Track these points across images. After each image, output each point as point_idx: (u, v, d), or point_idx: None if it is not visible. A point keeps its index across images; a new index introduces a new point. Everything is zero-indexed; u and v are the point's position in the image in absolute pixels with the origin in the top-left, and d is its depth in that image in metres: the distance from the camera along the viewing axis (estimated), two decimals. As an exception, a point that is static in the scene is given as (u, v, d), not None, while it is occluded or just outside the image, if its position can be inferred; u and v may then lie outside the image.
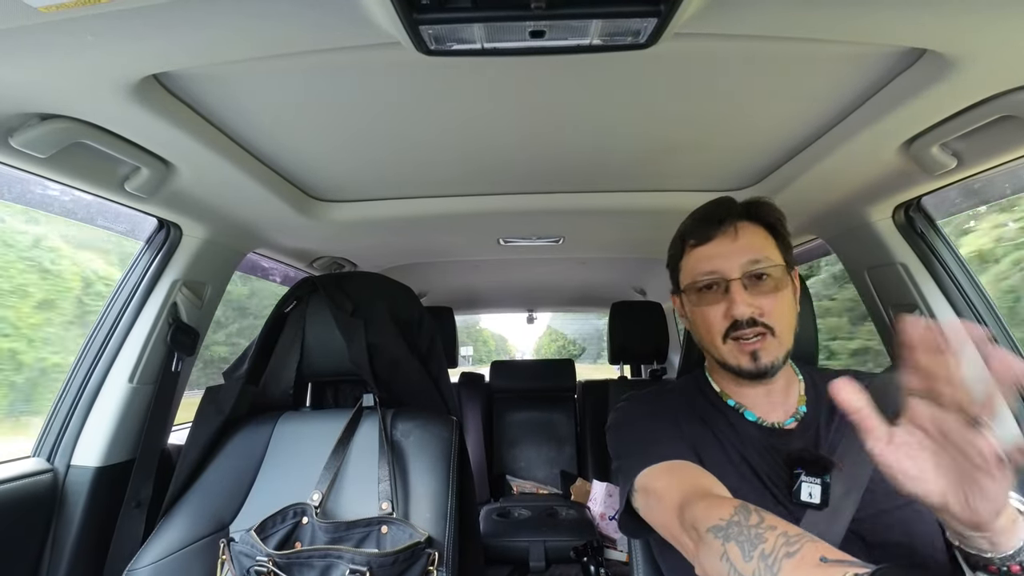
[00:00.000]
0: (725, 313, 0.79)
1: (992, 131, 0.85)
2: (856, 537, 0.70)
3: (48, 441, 1.19)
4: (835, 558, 0.47)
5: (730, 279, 0.79)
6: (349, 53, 0.70)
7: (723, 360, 0.81)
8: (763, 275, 0.79)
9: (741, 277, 0.78)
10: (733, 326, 0.78)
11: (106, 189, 1.01)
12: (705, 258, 0.82)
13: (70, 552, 1.12)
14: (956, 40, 0.65)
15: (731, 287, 0.78)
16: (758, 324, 0.77)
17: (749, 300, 0.77)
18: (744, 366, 0.79)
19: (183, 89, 0.80)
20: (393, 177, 1.23)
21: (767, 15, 0.61)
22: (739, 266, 0.79)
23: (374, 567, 0.92)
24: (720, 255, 0.81)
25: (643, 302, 2.43)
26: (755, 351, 0.77)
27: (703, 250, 0.83)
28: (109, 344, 1.24)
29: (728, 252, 0.80)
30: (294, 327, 1.28)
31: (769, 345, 0.78)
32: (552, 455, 2.80)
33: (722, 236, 0.82)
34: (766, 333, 0.77)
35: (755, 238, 0.82)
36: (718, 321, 0.80)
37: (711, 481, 0.70)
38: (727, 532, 0.55)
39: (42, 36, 0.61)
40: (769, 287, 0.79)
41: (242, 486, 1.12)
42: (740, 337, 0.78)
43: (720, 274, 0.80)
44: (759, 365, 0.78)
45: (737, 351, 0.79)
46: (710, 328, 0.81)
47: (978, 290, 1.18)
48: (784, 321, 0.79)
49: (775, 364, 0.78)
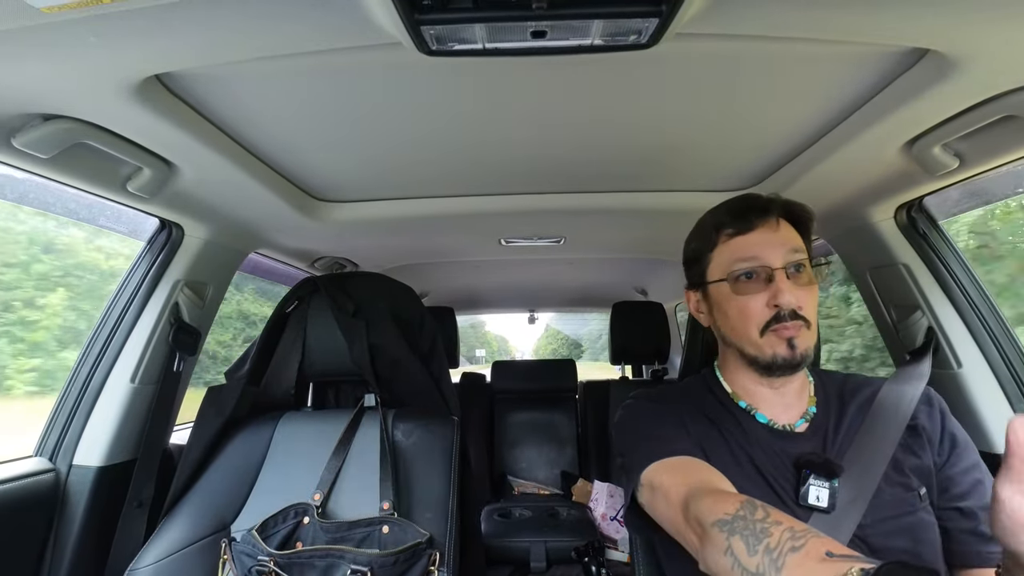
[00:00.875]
0: (768, 303, 0.77)
1: (994, 131, 0.85)
2: (860, 543, 0.70)
3: (50, 441, 1.19)
4: (841, 553, 0.46)
5: (775, 268, 0.77)
6: (351, 54, 0.70)
7: (757, 352, 0.79)
8: (802, 267, 0.79)
9: (785, 267, 0.77)
10: (776, 318, 0.76)
11: (108, 189, 1.01)
12: (748, 246, 0.80)
13: (72, 552, 1.12)
14: (958, 40, 0.65)
15: (776, 276, 0.77)
16: (799, 317, 0.76)
17: (793, 290, 0.76)
18: (780, 354, 0.76)
19: (185, 89, 0.80)
20: (394, 177, 1.23)
21: (769, 15, 0.61)
22: (783, 255, 0.78)
23: (375, 567, 0.92)
24: (764, 244, 0.79)
25: (644, 302, 2.43)
26: (792, 338, 0.76)
27: (745, 239, 0.81)
28: (111, 344, 1.24)
29: (772, 242, 0.79)
30: (296, 327, 1.28)
31: (804, 334, 0.77)
32: (553, 455, 2.80)
33: (765, 226, 0.80)
34: (802, 326, 0.77)
35: (793, 233, 0.81)
36: (759, 311, 0.78)
37: (717, 477, 0.69)
38: (732, 526, 0.55)
39: (44, 37, 0.61)
40: (806, 280, 0.79)
41: (243, 486, 1.13)
42: (779, 329, 0.76)
43: (764, 263, 0.78)
44: (796, 353, 0.76)
45: (776, 340, 0.77)
46: (749, 319, 0.79)
47: (980, 291, 1.17)
48: (814, 316, 0.79)
49: (807, 355, 0.77)
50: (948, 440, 0.78)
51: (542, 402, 2.92)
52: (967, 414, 1.13)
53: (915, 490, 0.74)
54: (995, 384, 1.13)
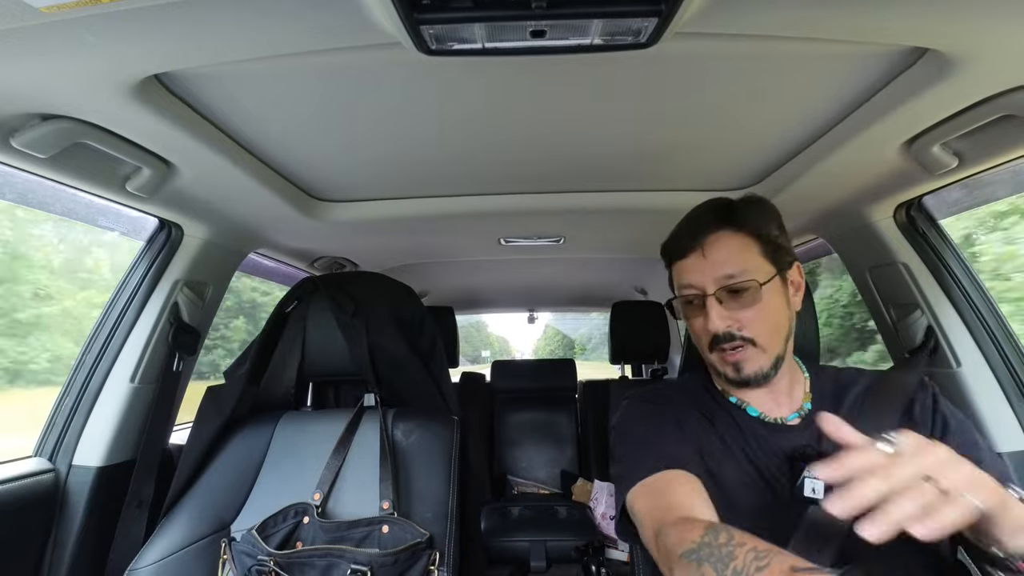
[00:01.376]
0: (703, 327, 0.81)
1: (993, 130, 0.85)
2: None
3: (50, 441, 1.19)
4: (805, 567, 0.49)
5: (706, 295, 0.80)
6: (350, 53, 0.70)
7: (712, 367, 0.85)
8: (739, 289, 0.79)
9: (715, 292, 0.79)
10: (714, 339, 0.80)
11: (107, 189, 1.01)
12: (684, 272, 0.84)
13: (71, 552, 1.12)
14: (958, 39, 0.65)
15: (707, 302, 0.80)
16: (736, 338, 0.78)
17: (725, 314, 0.78)
18: (729, 375, 0.81)
19: (184, 89, 0.80)
20: (394, 177, 1.23)
21: (768, 14, 0.61)
22: (713, 281, 0.79)
23: (375, 567, 0.92)
24: (695, 270, 0.82)
25: (644, 302, 2.43)
26: (737, 362, 0.79)
27: (680, 265, 0.85)
28: (110, 344, 1.24)
29: (700, 268, 0.81)
30: (295, 327, 1.28)
31: (751, 356, 0.79)
32: (553, 455, 2.79)
33: (693, 253, 0.83)
34: (744, 346, 0.78)
35: (729, 250, 0.81)
36: (703, 332, 0.82)
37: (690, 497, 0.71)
38: (699, 555, 0.57)
39: (43, 36, 0.61)
40: (747, 300, 0.79)
41: (243, 486, 1.13)
42: (722, 349, 0.80)
43: (697, 289, 0.81)
44: (742, 376, 0.79)
45: (721, 361, 0.81)
46: (698, 338, 0.84)
47: (980, 289, 1.18)
48: (766, 330, 0.79)
49: (759, 373, 0.79)
50: (940, 422, 0.79)
51: (542, 402, 2.92)
52: (966, 413, 1.12)
53: None
54: (994, 383, 1.13)
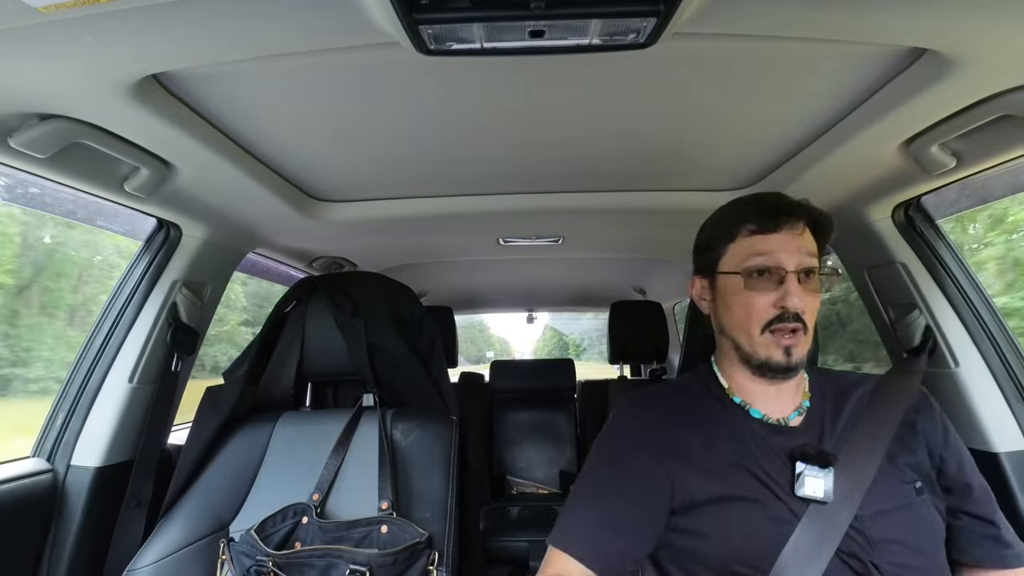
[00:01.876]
0: (775, 302, 0.79)
1: (991, 131, 0.85)
2: (859, 534, 0.71)
3: (48, 441, 1.19)
4: None
5: (788, 271, 0.79)
6: (349, 53, 0.70)
7: (752, 351, 0.81)
8: (812, 273, 0.81)
9: (797, 271, 0.79)
10: (779, 318, 0.78)
11: (105, 189, 1.01)
12: (768, 246, 0.81)
13: (70, 552, 1.12)
14: (956, 40, 0.65)
15: (787, 279, 0.79)
16: (800, 320, 0.78)
17: (800, 294, 0.78)
18: (775, 359, 0.79)
19: (182, 89, 0.80)
20: (393, 177, 1.23)
21: (767, 15, 0.61)
22: (798, 260, 0.80)
23: (374, 567, 0.92)
24: (784, 246, 0.81)
25: (643, 302, 2.43)
26: (790, 347, 0.78)
27: (767, 238, 0.82)
28: (109, 344, 1.24)
29: (792, 245, 0.80)
30: (294, 327, 1.28)
31: (801, 342, 0.79)
32: (552, 455, 2.79)
33: (790, 229, 0.82)
34: (801, 329, 0.78)
35: (811, 240, 0.83)
36: (763, 309, 0.79)
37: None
38: None
39: (41, 36, 0.61)
40: (813, 287, 0.81)
41: (242, 486, 1.12)
42: (780, 330, 0.79)
43: (779, 264, 0.80)
44: (791, 361, 0.78)
45: (772, 344, 0.79)
46: (752, 315, 0.80)
47: (977, 289, 1.18)
48: (813, 324, 0.81)
49: (801, 362, 0.79)
50: (954, 445, 0.80)
51: (541, 401, 2.91)
52: (964, 413, 1.13)
53: (910, 483, 0.75)
54: (992, 383, 1.13)
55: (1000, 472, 1.07)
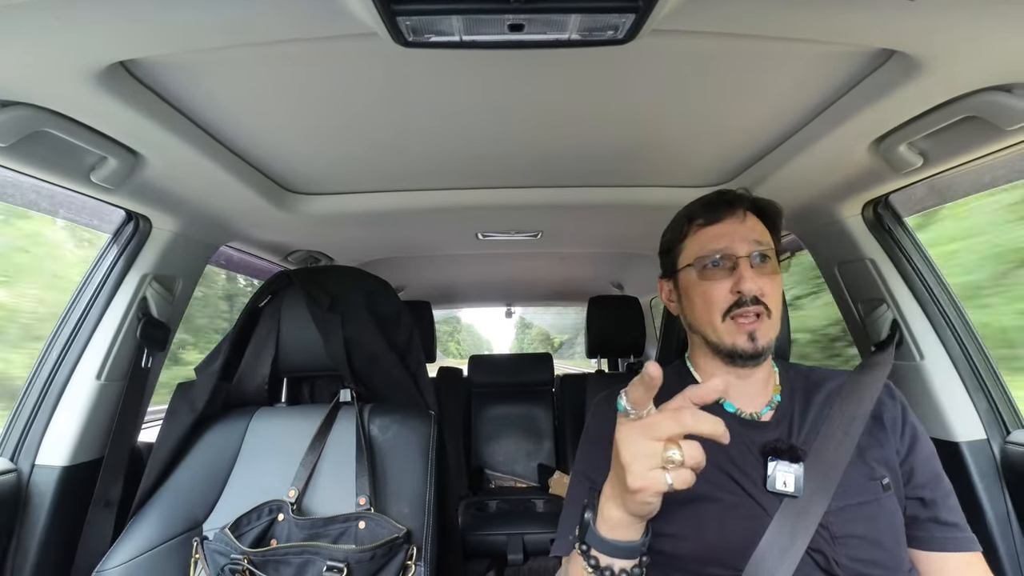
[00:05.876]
0: (731, 288, 0.81)
1: (957, 131, 0.88)
2: (823, 529, 0.72)
3: (11, 440, 1.14)
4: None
5: (738, 256, 0.82)
6: (325, 43, 0.68)
7: (718, 340, 0.83)
8: (766, 257, 0.83)
9: (748, 256, 0.82)
10: (737, 303, 0.81)
11: (71, 180, 0.97)
12: (715, 236, 0.85)
13: (35, 555, 1.08)
14: (924, 42, 0.66)
15: (739, 264, 0.81)
16: (760, 303, 0.80)
17: (755, 278, 0.80)
18: (740, 345, 0.81)
19: (152, 77, 0.78)
20: (370, 170, 1.22)
21: (743, 13, 0.62)
22: (747, 245, 0.82)
23: (352, 563, 0.92)
24: (730, 234, 0.84)
25: (620, 296, 2.46)
26: (753, 332, 0.80)
27: (713, 229, 0.86)
28: (76, 339, 1.20)
29: (737, 232, 0.84)
30: (269, 322, 1.26)
31: (765, 326, 0.81)
32: (530, 448, 2.81)
33: (732, 218, 0.85)
34: (763, 313, 0.80)
35: (759, 225, 0.86)
36: (722, 297, 0.82)
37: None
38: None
39: (3, 19, 0.58)
40: (770, 270, 0.83)
41: (215, 483, 1.11)
42: (741, 315, 0.80)
43: (729, 251, 0.83)
44: (756, 346, 0.80)
45: (735, 330, 0.81)
46: (711, 305, 0.83)
47: (941, 284, 1.22)
48: (777, 305, 0.83)
49: (768, 347, 0.81)
50: (909, 432, 0.81)
51: (519, 396, 2.93)
52: (928, 403, 1.17)
53: (878, 479, 0.76)
54: (955, 375, 1.17)
55: (960, 461, 1.11)
